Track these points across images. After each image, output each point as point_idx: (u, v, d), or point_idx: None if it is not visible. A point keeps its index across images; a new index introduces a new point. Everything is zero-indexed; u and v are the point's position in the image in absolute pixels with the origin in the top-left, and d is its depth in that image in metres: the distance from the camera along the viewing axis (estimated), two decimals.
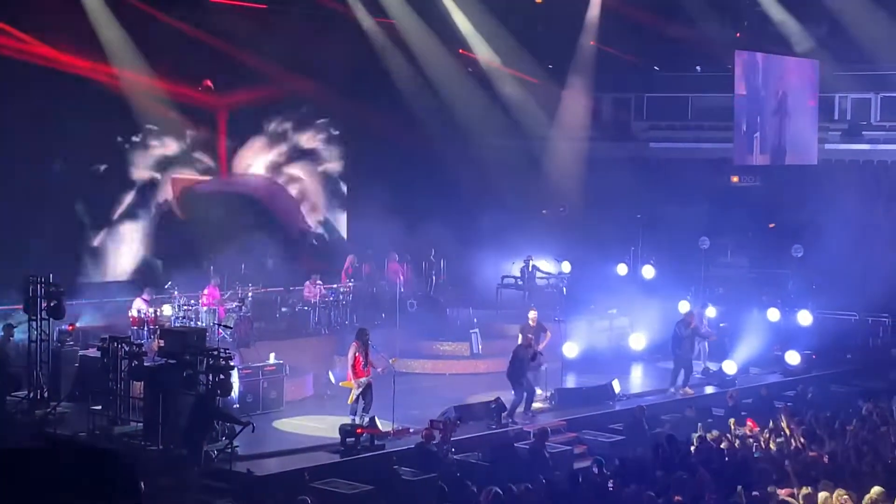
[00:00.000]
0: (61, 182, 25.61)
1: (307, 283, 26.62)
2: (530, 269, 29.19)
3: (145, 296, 22.91)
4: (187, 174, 28.85)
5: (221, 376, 17.30)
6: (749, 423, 19.09)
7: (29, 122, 24.06)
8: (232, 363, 17.90)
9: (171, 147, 28.31)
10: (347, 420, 19.20)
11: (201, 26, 27.19)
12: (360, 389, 19.46)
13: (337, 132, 31.84)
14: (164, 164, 28.23)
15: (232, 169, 30.01)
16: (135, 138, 27.49)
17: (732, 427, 18.62)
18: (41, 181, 25.01)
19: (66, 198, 25.95)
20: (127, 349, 19.15)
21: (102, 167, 26.80)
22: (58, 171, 25.67)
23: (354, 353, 19.60)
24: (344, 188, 32.28)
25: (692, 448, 17.04)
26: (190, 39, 26.99)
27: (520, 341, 21.91)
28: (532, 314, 22.71)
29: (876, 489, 13.18)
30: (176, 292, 23.77)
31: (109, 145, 26.92)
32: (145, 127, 27.58)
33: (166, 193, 28.30)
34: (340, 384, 20.54)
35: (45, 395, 20.22)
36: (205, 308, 23.55)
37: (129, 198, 27.49)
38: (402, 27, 30.85)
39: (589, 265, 30.51)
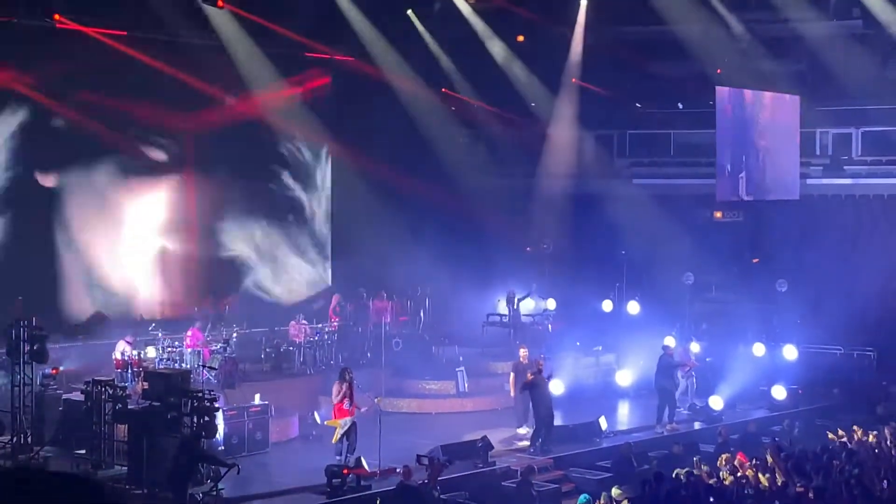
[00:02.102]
0: None
1: (292, 322, 26.56)
2: (516, 305, 29.14)
3: (128, 338, 22.80)
4: None
5: (206, 418, 17.23)
6: (740, 457, 19.01)
7: None
8: (217, 404, 17.82)
9: None
10: (334, 461, 19.11)
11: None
12: (345, 429, 19.38)
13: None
14: None
15: None
16: None
17: (723, 462, 18.53)
18: None
19: None
20: (111, 392, 19.07)
21: None
22: None
23: (338, 393, 19.56)
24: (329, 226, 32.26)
25: (682, 484, 16.97)
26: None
27: (511, 381, 22.25)
28: (523, 352, 22.85)
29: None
30: (160, 334, 23.68)
31: None
32: None
33: None
34: (325, 423, 20.47)
35: (29, 439, 20.08)
36: (189, 349, 23.45)
37: None
38: (386, 66, 30.95)
39: (574, 302, 30.53)
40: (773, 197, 32.69)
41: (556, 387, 24.20)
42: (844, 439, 19.97)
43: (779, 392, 25.93)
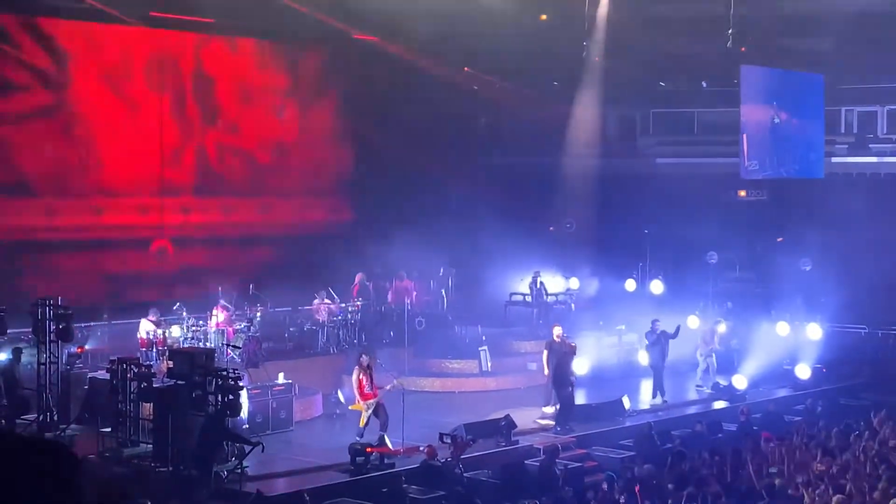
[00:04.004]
0: None
1: (315, 301, 26.61)
2: (538, 285, 29.14)
3: (151, 317, 22.87)
4: None
5: (230, 397, 17.28)
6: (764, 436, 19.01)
7: None
8: (241, 383, 17.88)
9: None
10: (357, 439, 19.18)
11: None
12: (370, 411, 19.45)
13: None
14: None
15: None
16: None
17: None
18: None
19: None
20: (136, 370, 19.17)
21: None
22: None
23: (358, 377, 19.61)
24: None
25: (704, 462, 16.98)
26: None
27: (545, 359, 22.24)
28: (557, 330, 22.71)
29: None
30: (184, 313, 23.77)
31: None
32: None
33: None
34: (350, 408, 20.53)
35: (55, 417, 20.21)
36: (213, 329, 23.54)
37: None
38: (408, 44, 30.88)
39: (597, 281, 30.51)
40: (797, 175, 32.54)
41: (580, 366, 24.23)
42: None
43: (803, 371, 25.88)
